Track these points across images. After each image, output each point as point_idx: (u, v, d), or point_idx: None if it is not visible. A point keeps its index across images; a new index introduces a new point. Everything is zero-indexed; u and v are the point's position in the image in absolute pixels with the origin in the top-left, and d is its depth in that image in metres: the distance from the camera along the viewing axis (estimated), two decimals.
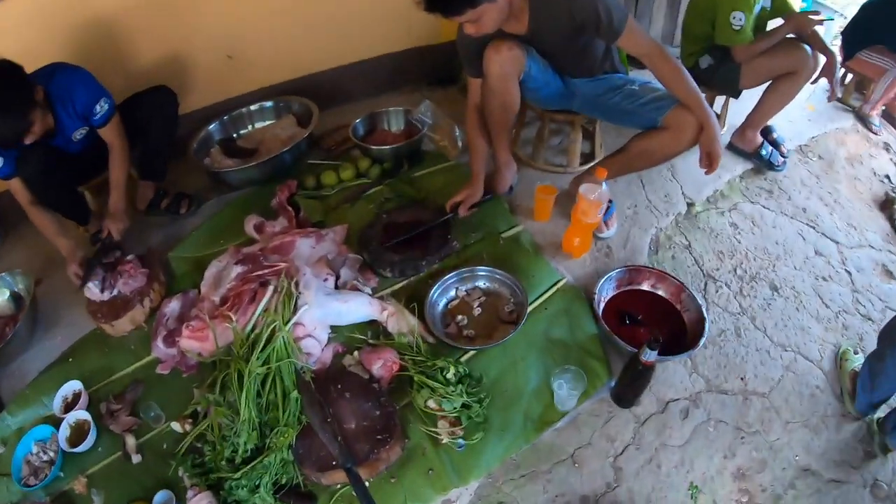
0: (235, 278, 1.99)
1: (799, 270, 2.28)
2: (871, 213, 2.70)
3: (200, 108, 2.85)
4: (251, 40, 2.81)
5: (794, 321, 2.07)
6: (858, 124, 3.30)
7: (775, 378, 1.90)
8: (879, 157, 3.10)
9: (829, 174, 2.85)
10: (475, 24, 1.81)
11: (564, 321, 1.92)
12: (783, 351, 1.98)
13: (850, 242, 2.48)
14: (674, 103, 1.95)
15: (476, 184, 2.23)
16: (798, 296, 2.18)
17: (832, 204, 2.67)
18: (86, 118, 2.14)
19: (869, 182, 2.90)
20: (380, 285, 2.06)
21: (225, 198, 2.62)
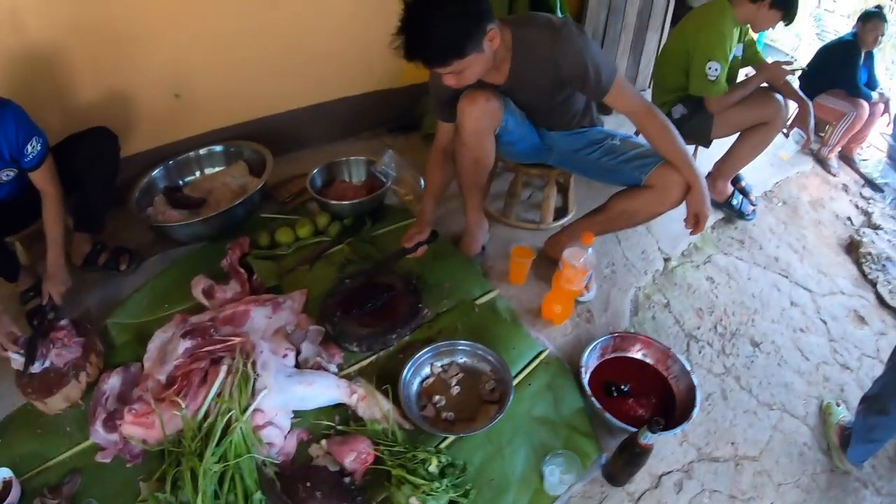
0: (183, 354, 1.75)
1: (776, 323, 2.24)
2: (838, 258, 2.72)
3: (143, 150, 2.58)
4: (200, 78, 2.57)
5: (777, 377, 2.02)
6: (818, 167, 3.36)
7: (764, 440, 1.82)
8: (840, 200, 3.17)
9: (795, 220, 2.89)
10: (457, 76, 1.65)
11: (549, 397, 1.76)
12: (769, 410, 1.90)
13: (822, 290, 2.47)
14: (658, 161, 1.85)
15: (424, 223, 2.08)
16: (778, 350, 2.13)
17: (801, 251, 2.68)
18: (15, 160, 1.87)
19: (832, 226, 2.95)
20: (346, 361, 1.84)
21: (170, 254, 2.35)
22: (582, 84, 1.76)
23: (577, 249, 1.80)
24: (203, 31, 2.46)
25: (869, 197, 3.23)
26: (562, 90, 1.86)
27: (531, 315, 2.04)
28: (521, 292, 2.13)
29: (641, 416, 1.73)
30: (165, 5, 2.32)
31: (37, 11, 2.10)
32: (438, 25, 1.52)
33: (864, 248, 2.73)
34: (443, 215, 2.49)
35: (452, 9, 1.52)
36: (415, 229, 2.07)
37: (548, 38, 1.71)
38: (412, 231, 2.07)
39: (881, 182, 3.34)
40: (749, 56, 2.61)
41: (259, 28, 2.56)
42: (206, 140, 2.70)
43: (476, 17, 1.57)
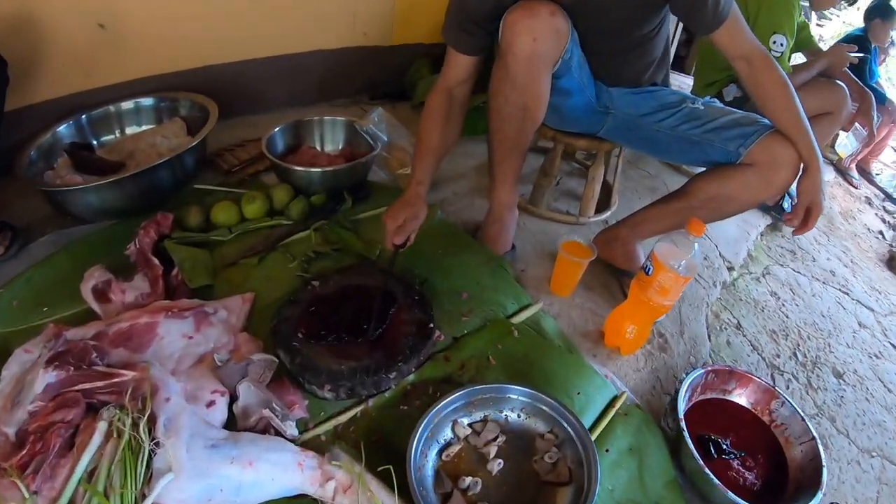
0: (44, 394, 0.97)
1: (852, 349, 1.71)
2: (884, 274, 2.28)
3: (50, 99, 1.76)
4: (135, 7, 1.78)
5: (869, 416, 1.51)
6: (840, 178, 2.91)
7: (873, 497, 1.29)
8: (866, 213, 2.77)
9: (833, 231, 2.42)
10: None
11: (632, 466, 1.03)
12: (870, 458, 1.38)
13: (882, 309, 1.98)
14: (764, 129, 1.21)
15: (419, 199, 1.27)
16: (862, 381, 1.61)
17: (850, 265, 2.20)
18: None
19: (868, 239, 2.53)
20: (312, 415, 1.02)
21: (66, 233, 1.52)
22: (697, 2, 1.11)
23: (676, 245, 1.08)
24: None
25: (892, 211, 2.81)
26: (655, 14, 1.20)
27: (588, 341, 1.29)
28: (567, 308, 1.37)
29: (753, 485, 1.09)
30: None
31: None
32: None
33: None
34: (450, 197, 1.73)
35: None
36: (405, 211, 1.25)
37: None
38: (399, 212, 1.24)
39: None
40: (802, 39, 2.09)
41: None
42: (136, 90, 1.88)
43: None
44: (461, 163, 1.95)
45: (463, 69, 1.29)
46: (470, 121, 1.79)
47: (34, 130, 1.63)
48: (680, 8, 1.17)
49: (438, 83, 1.32)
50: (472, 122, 1.60)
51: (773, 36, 1.87)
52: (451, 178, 1.86)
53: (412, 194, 1.27)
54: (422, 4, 2.21)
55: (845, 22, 4.65)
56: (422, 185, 1.28)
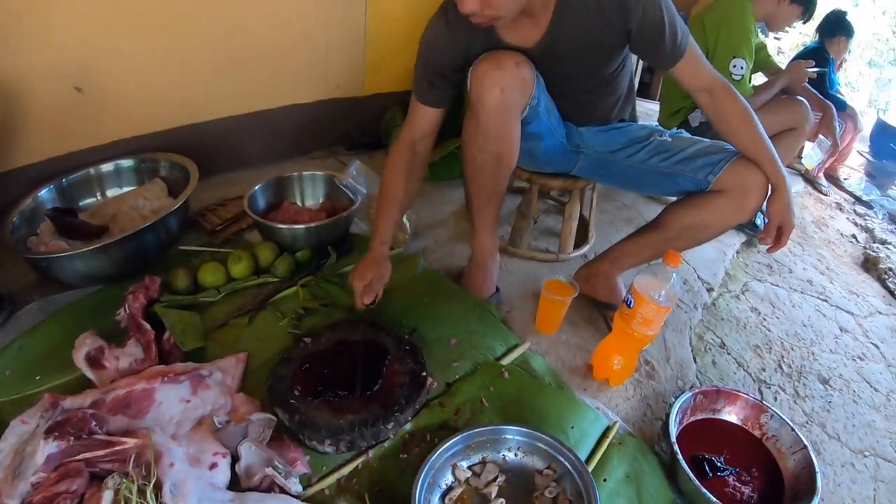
0: (46, 465, 1.00)
1: (835, 354, 1.80)
2: (861, 277, 2.36)
3: (29, 164, 1.80)
4: (110, 69, 1.83)
5: (858, 417, 1.58)
6: (809, 187, 3.04)
7: (870, 496, 1.36)
8: (838, 218, 2.87)
9: (807, 240, 2.51)
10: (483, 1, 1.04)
11: (631, 493, 1.08)
12: (863, 458, 1.45)
13: (861, 311, 2.08)
14: (730, 157, 1.29)
15: (383, 258, 1.35)
16: (848, 385, 1.68)
17: (827, 272, 2.28)
18: None
19: (842, 244, 2.62)
20: (314, 470, 1.07)
21: (54, 300, 1.55)
22: (655, 42, 1.21)
23: (655, 277, 1.15)
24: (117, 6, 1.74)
25: (863, 214, 2.92)
26: (617, 55, 1.29)
27: (577, 376, 1.35)
28: (554, 345, 1.43)
29: (750, 499, 1.15)
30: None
31: None
32: None
33: (882, 265, 2.38)
34: (432, 246, 1.80)
35: None
36: (371, 270, 1.32)
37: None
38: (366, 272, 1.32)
39: (868, 199, 3.06)
40: (760, 59, 2.22)
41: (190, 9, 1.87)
42: (114, 152, 1.92)
43: None
44: (440, 209, 2.03)
45: (428, 122, 1.37)
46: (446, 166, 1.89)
47: (14, 197, 1.67)
48: (639, 48, 1.26)
49: (402, 135, 1.40)
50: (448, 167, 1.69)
51: (733, 60, 1.98)
52: (431, 226, 1.93)
53: (377, 254, 1.34)
54: (391, 54, 2.29)
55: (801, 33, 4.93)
56: (385, 245, 1.36)
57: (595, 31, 1.21)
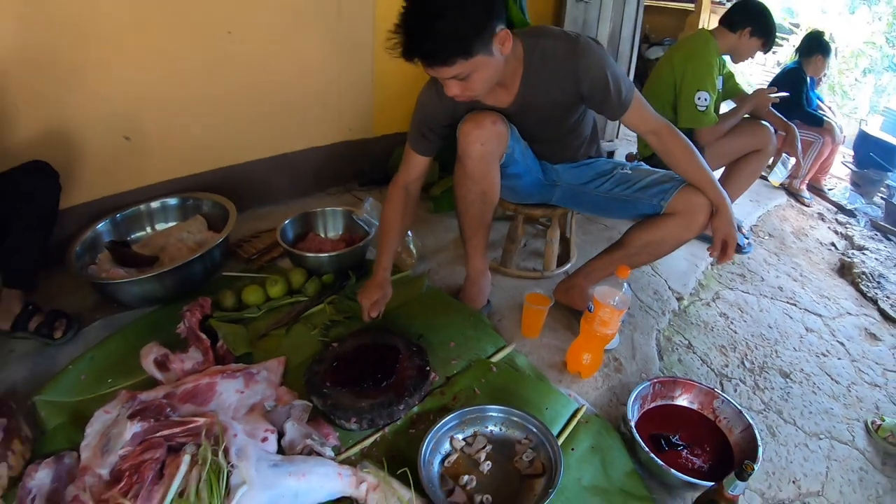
0: (132, 440, 1.33)
1: (799, 351, 2.07)
2: (835, 282, 2.62)
3: (86, 202, 2.15)
4: (154, 121, 2.20)
5: (816, 405, 1.83)
6: (792, 200, 3.33)
7: (823, 472, 1.61)
8: (819, 228, 3.14)
9: (784, 250, 2.79)
10: (462, 83, 1.38)
11: (596, 461, 1.41)
12: (819, 440, 1.70)
13: (830, 313, 2.35)
14: (679, 184, 1.61)
15: (386, 282, 1.75)
16: (809, 378, 1.95)
17: (800, 278, 2.56)
18: None
19: (820, 252, 2.88)
20: (343, 442, 1.43)
21: (115, 319, 1.90)
22: (602, 99, 1.54)
23: (610, 287, 1.50)
24: (159, 67, 2.12)
25: (845, 222, 3.21)
26: (575, 109, 1.63)
27: (554, 370, 1.70)
28: (537, 347, 1.79)
29: (701, 468, 1.44)
30: (118, 34, 1.99)
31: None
32: (443, 16, 1.26)
33: (857, 269, 2.66)
34: (435, 268, 2.18)
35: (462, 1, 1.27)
36: (376, 292, 1.71)
37: (567, 48, 1.49)
38: (372, 293, 1.71)
39: (851, 207, 3.34)
40: (729, 88, 2.52)
41: (222, 67, 2.25)
42: (159, 191, 2.29)
43: (485, 10, 1.31)
44: (442, 237, 2.40)
45: (419, 168, 1.74)
46: (447, 199, 2.26)
47: (74, 230, 2.03)
48: (592, 104, 1.61)
49: (398, 179, 1.76)
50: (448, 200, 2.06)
51: (698, 93, 2.26)
52: (435, 251, 2.30)
53: (381, 279, 1.73)
54: (396, 98, 2.66)
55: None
56: (387, 271, 1.75)
57: (554, 94, 1.56)
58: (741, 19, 2.29)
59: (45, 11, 1.84)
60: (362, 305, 1.70)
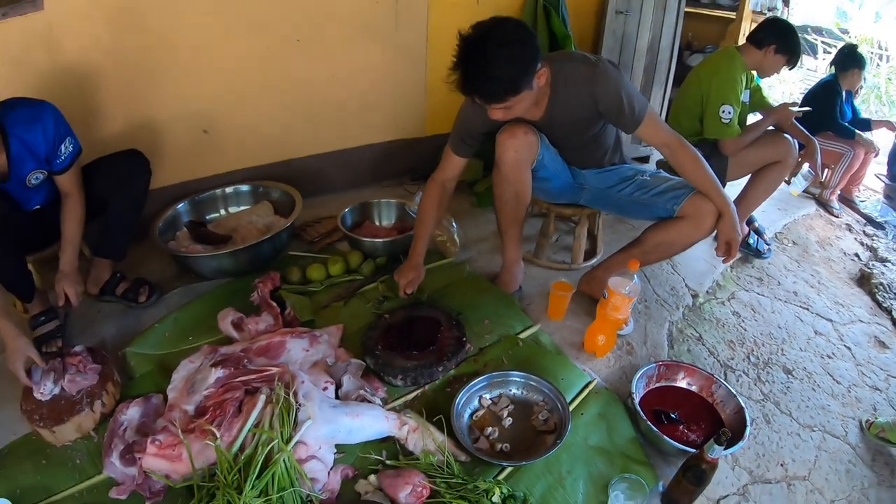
0: (214, 384, 1.64)
1: (805, 351, 2.27)
2: (852, 291, 2.80)
3: (168, 185, 2.53)
4: (230, 117, 2.58)
5: (814, 401, 2.04)
6: (821, 209, 3.49)
7: (811, 460, 1.82)
8: (845, 238, 3.29)
9: (806, 258, 2.96)
10: (506, 111, 1.69)
11: (602, 426, 1.70)
12: (811, 431, 1.92)
13: (842, 319, 2.52)
14: (690, 192, 1.88)
15: (420, 265, 2.07)
16: (811, 376, 2.15)
17: (817, 285, 2.73)
18: (47, 160, 1.81)
19: (842, 262, 3.04)
20: (389, 395, 1.76)
21: (193, 288, 2.26)
22: (617, 115, 1.81)
23: (622, 277, 1.79)
24: (235, 69, 2.48)
25: (872, 234, 3.34)
26: (596, 123, 1.91)
27: (574, 348, 2.00)
28: (560, 328, 2.09)
29: (694, 441, 1.69)
30: (200, 41, 2.35)
31: (72, 32, 2.11)
32: (498, 63, 1.57)
33: (875, 280, 2.83)
34: (475, 256, 2.51)
35: (513, 48, 1.57)
36: (412, 272, 2.04)
37: (586, 72, 1.78)
38: (408, 273, 2.04)
39: (881, 220, 3.47)
40: (755, 101, 2.71)
41: (290, 71, 2.61)
42: (232, 179, 2.68)
43: (532, 56, 1.62)
44: (484, 229, 2.73)
45: (456, 168, 2.05)
46: (488, 196, 2.58)
47: (157, 209, 2.39)
48: (609, 119, 1.89)
49: (436, 176, 2.07)
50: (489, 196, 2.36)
51: (722, 106, 2.46)
52: (476, 241, 2.63)
53: (415, 262, 2.07)
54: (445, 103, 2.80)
55: None
56: (421, 256, 2.08)
57: (576, 111, 1.86)
58: (767, 37, 2.47)
59: (134, 18, 2.21)
60: (399, 283, 2.04)
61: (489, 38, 1.58)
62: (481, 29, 1.61)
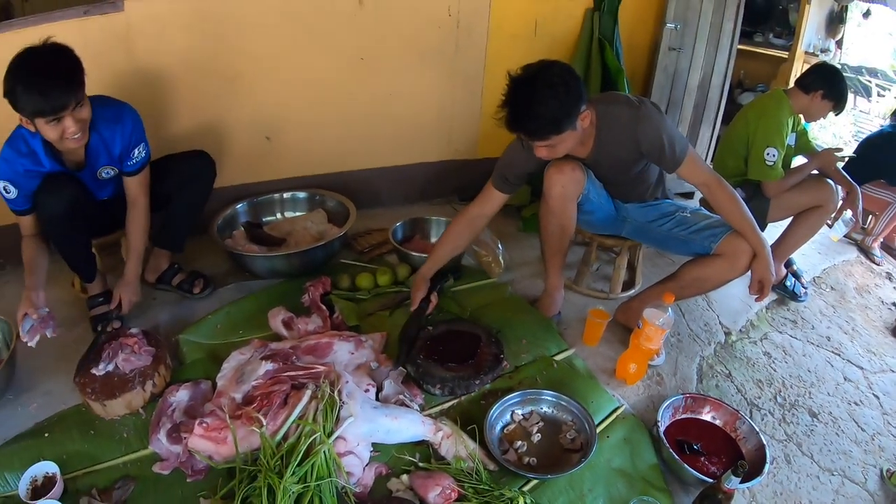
0: (263, 376, 1.78)
1: (832, 396, 2.30)
2: (886, 340, 2.79)
3: (228, 185, 2.69)
4: (291, 126, 2.75)
5: (836, 446, 2.07)
6: (862, 256, 3.50)
7: (828, 503, 1.85)
8: (884, 287, 3.27)
9: (843, 304, 2.96)
10: (550, 149, 1.82)
11: (626, 450, 1.79)
12: (831, 475, 1.94)
13: (873, 368, 2.53)
14: (727, 230, 1.96)
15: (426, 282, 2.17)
16: (835, 421, 2.18)
17: (851, 332, 2.74)
18: (120, 158, 1.97)
19: (879, 310, 3.02)
20: (427, 403, 1.89)
21: (246, 285, 2.42)
22: (659, 156, 1.91)
23: (657, 309, 1.88)
24: (300, 81, 2.66)
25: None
26: (639, 163, 2.01)
27: (605, 374, 2.09)
28: (594, 353, 2.19)
29: (714, 473, 1.74)
30: (270, 52, 2.52)
31: (149, 35, 2.29)
32: (544, 103, 1.70)
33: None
34: (518, 279, 2.63)
35: (558, 89, 1.70)
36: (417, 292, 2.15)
37: (630, 114, 1.89)
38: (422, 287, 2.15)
39: None
40: (801, 145, 2.76)
41: (352, 87, 2.77)
42: (288, 185, 2.84)
43: (576, 98, 1.74)
44: (527, 253, 2.85)
45: (493, 204, 2.15)
46: (534, 222, 2.71)
47: (216, 208, 2.54)
48: (650, 159, 1.98)
49: (468, 210, 2.16)
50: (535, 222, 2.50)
51: (767, 149, 2.52)
52: (520, 265, 2.75)
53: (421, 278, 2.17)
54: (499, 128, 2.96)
55: None
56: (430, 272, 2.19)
57: (620, 151, 1.96)
58: (814, 82, 2.53)
59: (209, 26, 2.39)
60: (413, 295, 2.16)
61: (537, 78, 1.72)
62: (530, 70, 1.75)
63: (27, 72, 1.67)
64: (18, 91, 1.67)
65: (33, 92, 1.67)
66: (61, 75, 1.70)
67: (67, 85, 1.71)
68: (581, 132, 1.85)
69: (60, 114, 1.71)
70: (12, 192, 1.87)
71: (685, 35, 3.29)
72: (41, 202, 1.89)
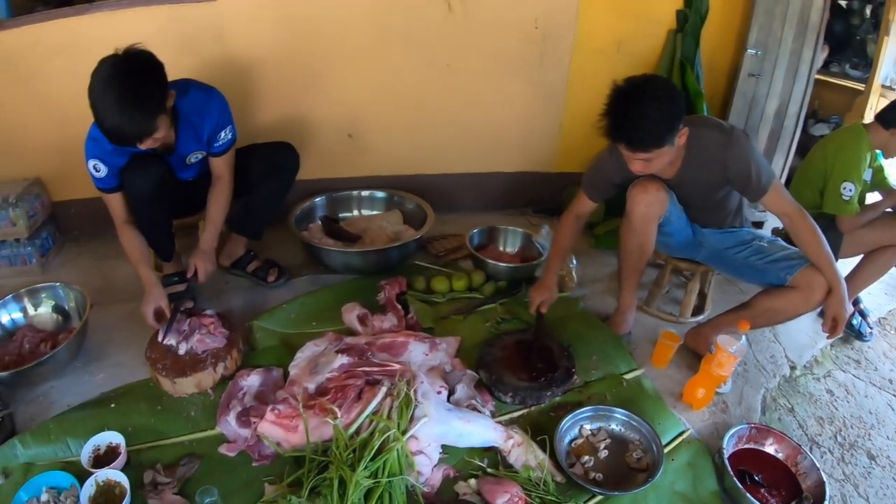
0: (338, 369, 1.82)
1: (892, 440, 2.27)
2: None
3: (308, 179, 2.75)
4: (374, 126, 2.83)
5: (892, 491, 2.05)
6: None
7: None
8: None
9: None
10: (646, 164, 1.84)
11: (689, 475, 1.82)
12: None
13: None
14: (804, 263, 1.96)
15: (554, 285, 2.23)
16: (893, 465, 2.16)
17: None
18: (208, 142, 2.02)
19: None
20: (497, 410, 1.94)
21: (319, 278, 2.50)
22: (745, 184, 1.93)
23: (732, 336, 1.91)
24: (386, 83, 2.74)
25: None
26: (723, 188, 2.03)
27: (672, 397, 2.13)
28: (661, 375, 2.23)
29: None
30: (358, 52, 2.61)
31: (240, 27, 2.39)
32: (649, 115, 1.72)
33: None
34: (590, 294, 2.68)
35: (663, 103, 1.73)
36: (546, 294, 2.19)
37: (720, 140, 1.91)
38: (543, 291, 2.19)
39: None
40: (877, 181, 2.71)
41: (436, 92, 2.85)
42: (367, 183, 2.94)
43: (679, 114, 1.77)
44: (600, 270, 2.87)
45: (586, 208, 2.23)
46: (607, 239, 2.76)
47: (295, 199, 2.62)
48: (736, 186, 2.00)
49: (572, 209, 2.25)
50: (608, 239, 2.55)
51: (844, 183, 2.47)
52: (592, 281, 2.78)
53: (550, 281, 2.23)
54: (577, 143, 3.08)
55: None
56: (555, 278, 2.24)
57: (706, 175, 1.99)
58: (894, 118, 2.48)
59: (299, 23, 2.49)
60: (533, 299, 2.20)
61: (643, 91, 1.76)
62: (635, 81, 1.79)
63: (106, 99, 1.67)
64: (98, 114, 1.69)
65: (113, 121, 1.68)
66: (143, 107, 1.70)
67: (147, 118, 1.73)
68: (676, 150, 1.88)
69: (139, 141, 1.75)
70: (102, 170, 1.93)
71: (765, 61, 3.28)
72: (128, 181, 1.95)
